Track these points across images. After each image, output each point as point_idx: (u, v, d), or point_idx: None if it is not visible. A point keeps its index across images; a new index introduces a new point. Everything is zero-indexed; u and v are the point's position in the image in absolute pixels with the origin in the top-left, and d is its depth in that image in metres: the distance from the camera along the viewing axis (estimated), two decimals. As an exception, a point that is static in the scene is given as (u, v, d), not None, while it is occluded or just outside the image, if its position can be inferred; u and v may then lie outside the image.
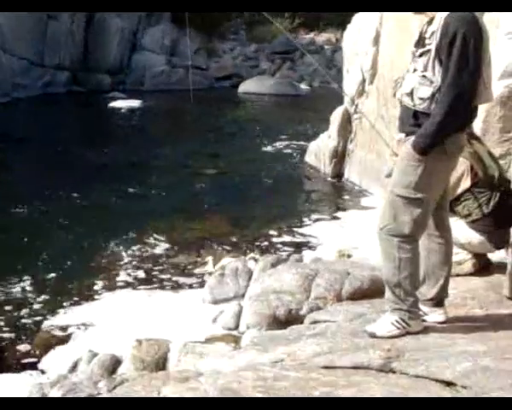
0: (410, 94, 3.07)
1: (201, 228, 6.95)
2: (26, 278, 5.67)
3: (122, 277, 5.76)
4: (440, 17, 2.98)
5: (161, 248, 6.43)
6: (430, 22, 3.04)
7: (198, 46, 18.97)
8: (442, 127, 2.96)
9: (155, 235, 6.74)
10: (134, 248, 6.40)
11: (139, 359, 3.96)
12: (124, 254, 6.25)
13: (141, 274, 5.82)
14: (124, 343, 4.21)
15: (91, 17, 17.07)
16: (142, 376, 3.45)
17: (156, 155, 10.32)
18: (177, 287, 5.56)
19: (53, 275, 5.76)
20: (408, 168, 3.07)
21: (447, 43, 2.92)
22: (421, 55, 3.05)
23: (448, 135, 2.99)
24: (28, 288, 5.49)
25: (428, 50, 3.01)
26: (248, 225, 7.10)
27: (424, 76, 3.02)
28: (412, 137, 3.06)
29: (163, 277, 5.77)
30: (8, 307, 5.17)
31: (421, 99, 3.03)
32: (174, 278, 5.73)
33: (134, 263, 6.06)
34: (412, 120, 3.09)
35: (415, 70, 3.07)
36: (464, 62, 2.90)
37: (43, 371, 4.28)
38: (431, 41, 2.99)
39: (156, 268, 5.96)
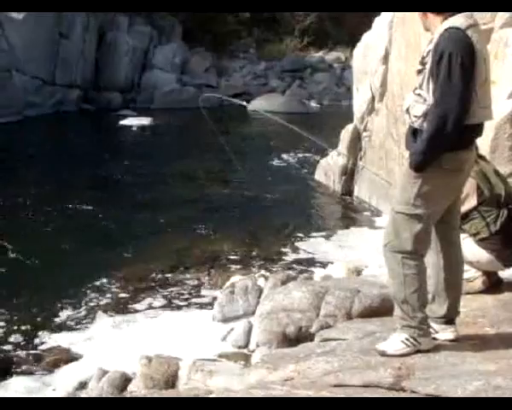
0: (407, 111, 3.11)
1: (211, 245, 6.96)
2: (34, 295, 5.69)
3: (131, 295, 5.77)
4: (437, 35, 3.01)
5: (170, 265, 6.44)
6: (431, 40, 3.08)
7: (208, 65, 19.12)
8: (430, 145, 2.98)
9: (164, 253, 6.75)
10: (143, 265, 6.41)
11: (149, 376, 3.95)
12: (133, 271, 6.26)
13: (150, 292, 5.82)
14: (134, 361, 4.21)
15: (103, 36, 17.28)
16: (152, 393, 3.45)
17: (166, 173, 10.38)
18: (186, 305, 5.56)
19: (62, 292, 5.77)
20: (406, 185, 3.11)
21: (435, 62, 2.95)
22: (419, 73, 3.09)
23: (442, 152, 3.00)
24: (37, 304, 5.51)
25: (424, 69, 3.04)
26: (258, 243, 7.11)
27: (419, 94, 3.06)
28: None
29: (172, 294, 5.78)
30: (16, 324, 5.19)
31: (415, 116, 3.07)
32: (184, 296, 5.74)
33: (143, 281, 6.07)
34: (411, 137, 3.13)
35: (415, 88, 3.11)
36: (449, 82, 2.92)
37: (53, 389, 4.28)
38: (427, 60, 3.03)
39: (166, 286, 5.96)
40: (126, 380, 4.05)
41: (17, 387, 4.28)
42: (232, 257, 6.66)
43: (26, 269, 6.34)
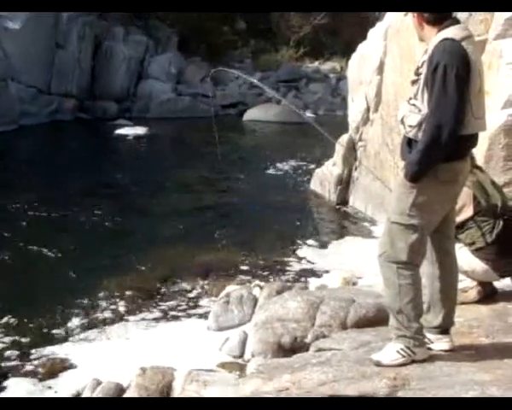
0: (402, 121, 3.13)
1: (206, 255, 6.95)
2: (28, 303, 5.67)
3: (126, 304, 5.75)
4: (431, 46, 3.03)
5: (165, 275, 6.42)
6: (426, 51, 3.10)
7: (204, 74, 19.14)
8: (425, 156, 2.99)
9: (159, 262, 6.74)
10: (138, 275, 6.39)
11: (143, 387, 3.93)
12: (128, 281, 6.24)
13: (145, 302, 5.81)
14: (128, 371, 4.20)
15: (99, 46, 17.30)
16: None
17: (161, 182, 10.37)
18: (181, 314, 5.55)
19: (57, 300, 5.75)
20: (402, 195, 3.12)
21: (430, 73, 2.97)
22: (413, 84, 3.11)
23: (437, 163, 3.01)
24: (31, 313, 5.49)
25: (419, 79, 3.06)
26: (253, 253, 7.10)
27: (414, 104, 3.07)
28: None
29: (167, 304, 5.76)
30: (12, 334, 5.17)
31: (410, 126, 3.09)
32: (179, 306, 5.72)
33: (138, 290, 6.05)
34: (406, 147, 3.14)
35: (410, 98, 3.12)
36: (444, 93, 2.93)
37: (47, 399, 4.25)
38: (422, 70, 3.05)
39: (160, 295, 5.95)
40: (121, 391, 4.02)
41: (11, 395, 4.26)
42: (227, 267, 6.65)
43: (19, 277, 6.32)
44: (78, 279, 6.30)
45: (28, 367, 4.67)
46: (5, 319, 5.37)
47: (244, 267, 6.66)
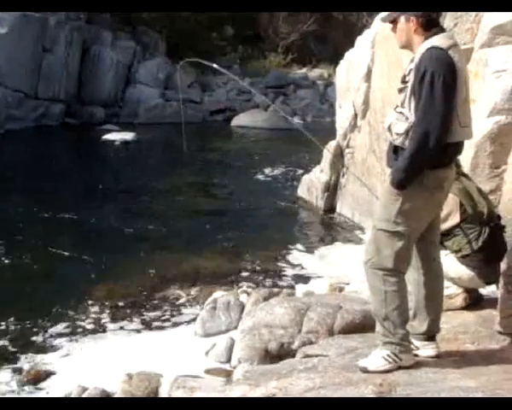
0: (389, 129, 3.15)
1: (193, 261, 6.93)
2: (12, 311, 5.62)
3: (113, 310, 5.72)
4: (418, 55, 3.05)
5: (153, 280, 6.40)
6: (413, 59, 3.13)
7: (192, 80, 19.16)
8: (412, 163, 3.01)
9: (147, 268, 6.71)
10: (125, 281, 6.36)
11: (129, 393, 3.92)
12: (115, 287, 6.22)
13: (132, 308, 5.78)
14: (114, 378, 4.18)
15: (86, 51, 17.26)
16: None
17: (148, 188, 10.34)
18: (168, 320, 5.53)
19: (42, 307, 5.71)
20: (388, 202, 3.13)
21: (418, 81, 2.99)
22: (400, 92, 3.13)
23: (423, 170, 3.03)
24: (17, 320, 5.44)
25: (406, 87, 3.08)
26: (240, 259, 7.09)
27: (401, 112, 3.09)
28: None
29: (154, 310, 5.74)
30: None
31: (397, 134, 3.10)
32: (165, 312, 5.70)
33: (125, 297, 6.02)
34: (393, 154, 3.16)
35: (397, 106, 3.14)
36: (431, 101, 2.96)
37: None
38: (409, 78, 3.07)
39: (147, 301, 5.93)
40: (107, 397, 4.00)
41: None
42: (214, 272, 6.64)
43: (5, 283, 6.27)
44: (65, 285, 6.26)
45: (12, 374, 4.62)
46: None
47: (231, 273, 6.65)
